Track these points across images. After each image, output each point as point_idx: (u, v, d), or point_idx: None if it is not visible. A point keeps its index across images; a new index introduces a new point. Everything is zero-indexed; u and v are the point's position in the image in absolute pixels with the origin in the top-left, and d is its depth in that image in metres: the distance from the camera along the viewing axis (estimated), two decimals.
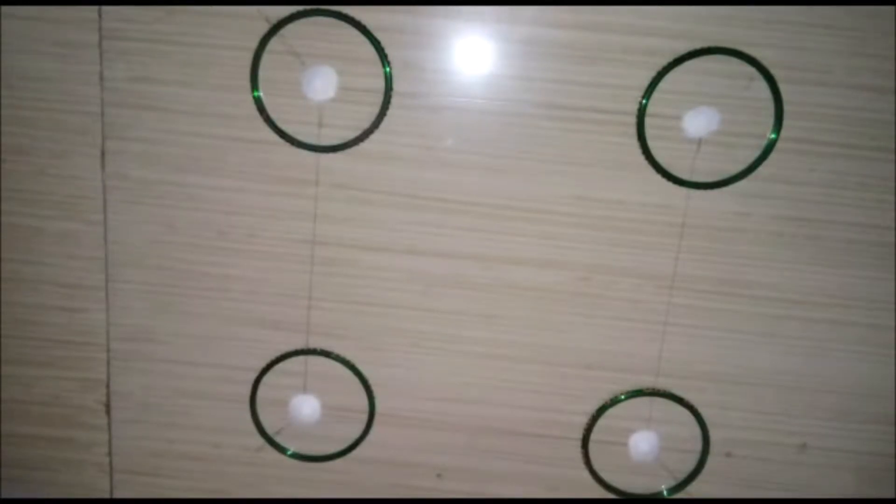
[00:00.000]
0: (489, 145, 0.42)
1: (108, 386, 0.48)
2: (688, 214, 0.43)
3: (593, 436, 0.46)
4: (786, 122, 0.41)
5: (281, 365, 0.46)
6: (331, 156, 0.43)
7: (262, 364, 0.46)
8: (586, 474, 0.47)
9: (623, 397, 0.45)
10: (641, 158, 0.42)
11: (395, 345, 0.46)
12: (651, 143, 0.42)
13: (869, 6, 0.39)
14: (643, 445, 0.46)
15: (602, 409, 0.46)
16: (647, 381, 0.45)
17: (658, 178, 0.42)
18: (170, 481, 0.49)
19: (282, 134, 0.42)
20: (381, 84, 0.41)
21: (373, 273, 0.45)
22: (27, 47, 0.42)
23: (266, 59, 0.41)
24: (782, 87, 0.40)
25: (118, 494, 0.50)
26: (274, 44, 0.41)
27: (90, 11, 0.41)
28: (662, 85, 0.41)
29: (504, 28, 0.40)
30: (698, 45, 0.40)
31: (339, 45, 0.41)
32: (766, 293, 0.44)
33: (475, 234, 0.44)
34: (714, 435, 0.46)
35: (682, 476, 0.47)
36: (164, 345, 0.47)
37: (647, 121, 0.41)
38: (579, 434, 0.46)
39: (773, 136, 0.41)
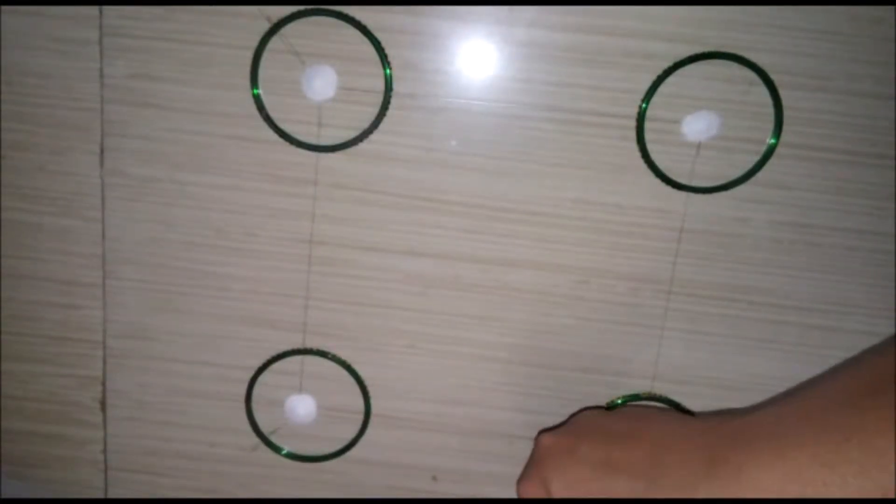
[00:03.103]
0: (488, 147, 0.42)
1: (104, 383, 0.48)
2: (686, 219, 0.43)
3: None
4: (785, 128, 0.41)
5: (277, 364, 0.46)
6: (330, 155, 0.43)
7: (259, 363, 0.46)
8: None
9: (619, 401, 0.45)
10: (640, 162, 0.42)
11: (392, 346, 0.46)
12: (650, 147, 0.42)
13: (870, 7, 0.39)
14: None
15: None
16: (643, 386, 0.45)
17: (657, 181, 0.42)
18: (165, 480, 0.49)
19: (281, 133, 0.42)
20: (381, 84, 0.41)
21: (371, 273, 0.45)
22: (27, 43, 0.42)
23: (266, 58, 0.41)
24: (782, 93, 0.40)
25: (113, 492, 0.50)
26: (274, 43, 0.41)
27: (91, 9, 0.41)
28: (662, 89, 0.41)
29: (504, 30, 0.40)
30: (699, 50, 0.40)
31: (339, 45, 0.41)
32: (764, 299, 0.44)
33: (474, 235, 0.44)
34: None
35: None
36: (160, 343, 0.47)
37: (647, 125, 0.41)
38: None
39: (772, 141, 0.41)
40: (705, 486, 0.33)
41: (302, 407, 0.47)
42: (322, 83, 0.42)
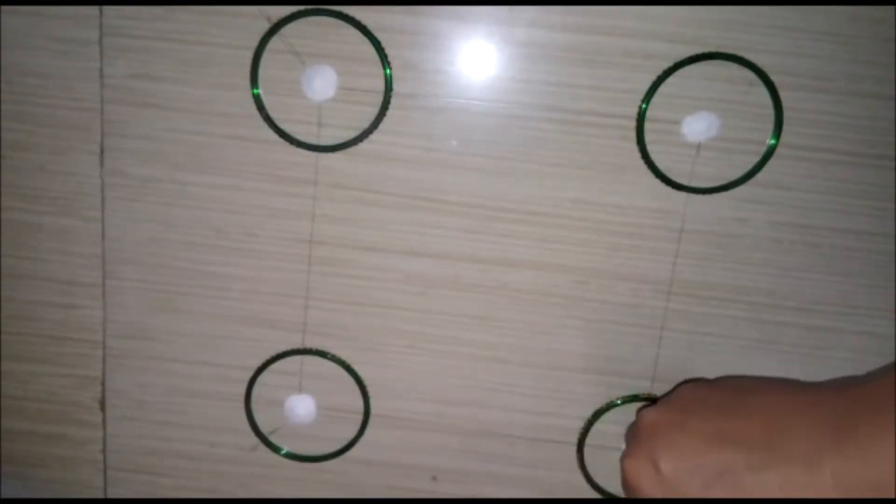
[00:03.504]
0: (488, 147, 0.42)
1: (103, 383, 0.48)
2: (686, 219, 0.43)
3: (588, 440, 0.46)
4: (785, 128, 0.41)
5: (276, 364, 0.46)
6: (330, 155, 0.43)
7: (258, 363, 0.46)
8: (581, 478, 0.47)
9: (619, 402, 0.45)
10: (640, 162, 0.42)
11: (392, 346, 0.46)
12: (650, 148, 0.42)
13: (870, 8, 0.39)
14: None
15: (597, 414, 0.46)
16: (643, 386, 0.45)
17: (657, 182, 0.42)
18: (165, 480, 0.49)
19: (281, 133, 0.42)
20: (381, 84, 0.41)
21: (370, 274, 0.45)
22: (27, 43, 0.42)
23: (266, 58, 0.41)
24: (782, 93, 0.40)
25: (112, 492, 0.50)
26: (274, 43, 0.41)
27: (91, 9, 0.41)
28: (662, 89, 0.41)
29: (504, 30, 0.40)
30: (699, 50, 0.40)
31: (339, 45, 0.41)
32: (763, 299, 0.44)
33: (474, 235, 0.44)
34: None
35: None
36: (160, 342, 0.47)
37: (647, 125, 0.41)
38: (574, 438, 0.46)
39: (772, 141, 0.41)
40: (833, 456, 0.30)
41: (301, 407, 0.47)
42: (322, 83, 0.42)
